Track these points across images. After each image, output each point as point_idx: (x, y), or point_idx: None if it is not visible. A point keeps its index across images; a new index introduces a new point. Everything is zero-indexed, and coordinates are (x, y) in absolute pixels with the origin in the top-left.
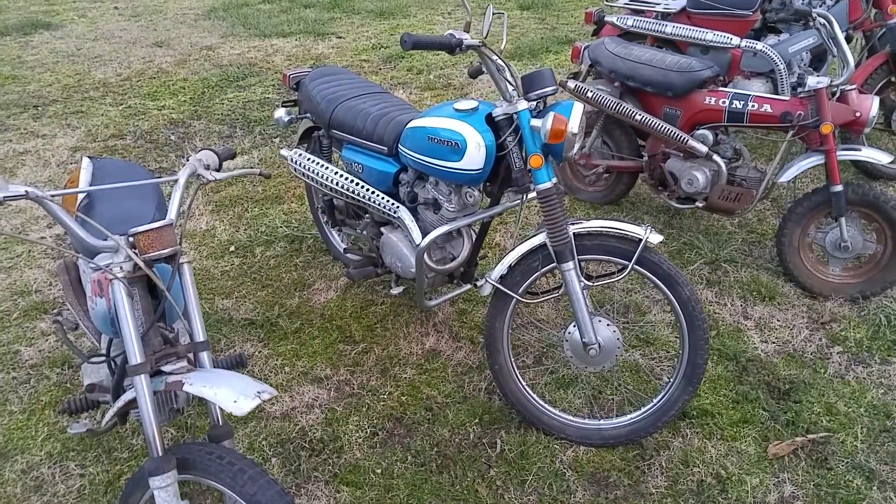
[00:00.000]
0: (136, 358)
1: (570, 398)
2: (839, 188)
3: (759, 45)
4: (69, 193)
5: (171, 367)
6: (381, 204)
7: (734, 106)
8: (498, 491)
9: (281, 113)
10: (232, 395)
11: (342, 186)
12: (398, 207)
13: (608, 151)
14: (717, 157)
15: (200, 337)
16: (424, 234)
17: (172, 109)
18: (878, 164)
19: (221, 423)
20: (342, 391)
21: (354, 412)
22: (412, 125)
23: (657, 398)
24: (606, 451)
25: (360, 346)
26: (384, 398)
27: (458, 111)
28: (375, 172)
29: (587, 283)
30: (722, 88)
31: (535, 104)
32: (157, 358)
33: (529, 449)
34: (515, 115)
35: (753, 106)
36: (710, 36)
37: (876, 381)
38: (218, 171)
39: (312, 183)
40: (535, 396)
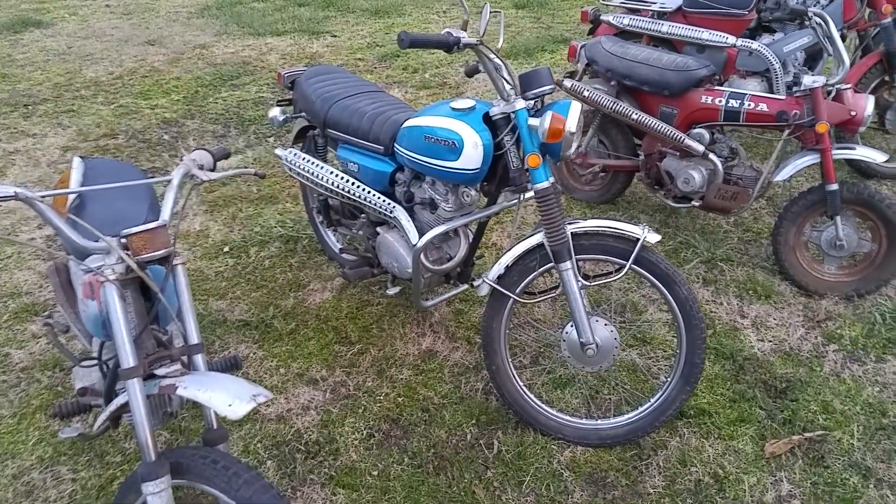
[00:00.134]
0: (128, 361)
1: (567, 398)
2: (834, 187)
3: (754, 44)
4: (59, 194)
5: (164, 370)
6: (377, 204)
7: (730, 105)
8: (495, 492)
9: (276, 112)
10: (227, 398)
11: (338, 186)
12: (394, 207)
13: (605, 150)
14: (713, 156)
15: (195, 339)
16: (421, 234)
17: (165, 108)
18: (872, 162)
19: (216, 426)
20: (338, 393)
21: (350, 414)
22: (408, 124)
23: (654, 398)
24: (604, 451)
25: (355, 347)
26: (380, 399)
27: (454, 110)
28: (371, 172)
29: (585, 282)
30: (718, 87)
31: (532, 103)
32: (150, 361)
33: (527, 449)
34: (513, 114)
35: (750, 105)
36: (706, 35)
37: (871, 378)
38: (212, 171)
39: (307, 183)
40: (532, 397)
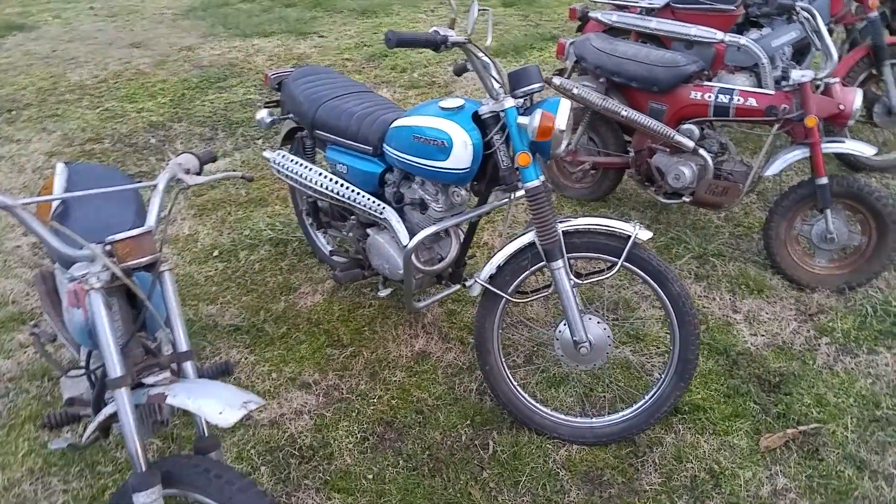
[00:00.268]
0: (116, 371)
1: (561, 397)
2: (824, 181)
3: (742, 39)
4: (42, 201)
5: (153, 378)
6: (366, 205)
7: (720, 100)
8: (491, 493)
9: (263, 114)
10: (217, 406)
11: (327, 188)
12: (384, 208)
13: (594, 148)
14: (703, 151)
15: (184, 346)
16: (412, 234)
17: (151, 112)
18: (861, 156)
19: (207, 434)
20: (331, 396)
21: (344, 417)
22: (397, 124)
23: (649, 394)
24: (599, 449)
25: (348, 349)
26: (374, 402)
27: (443, 109)
28: (360, 173)
29: (577, 281)
30: (707, 83)
31: (521, 101)
32: (138, 370)
33: (522, 449)
34: (502, 112)
35: (739, 100)
36: (694, 31)
37: (864, 370)
38: (199, 174)
39: (296, 185)
40: (526, 396)
